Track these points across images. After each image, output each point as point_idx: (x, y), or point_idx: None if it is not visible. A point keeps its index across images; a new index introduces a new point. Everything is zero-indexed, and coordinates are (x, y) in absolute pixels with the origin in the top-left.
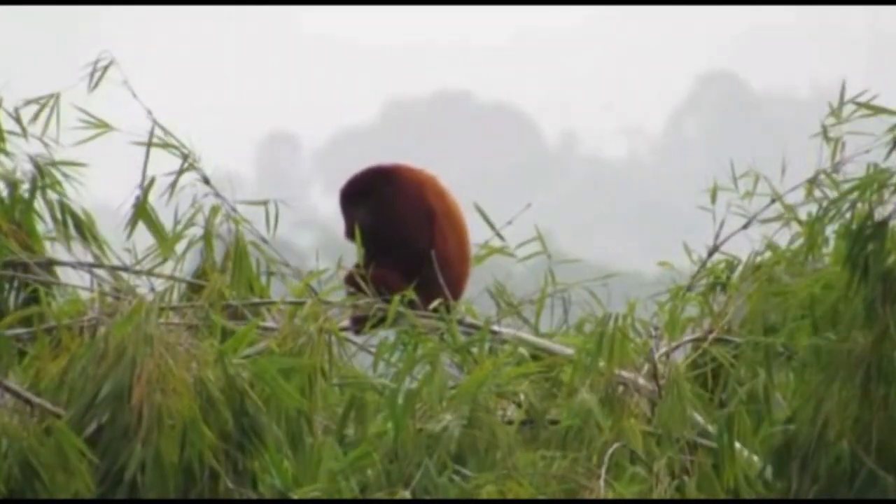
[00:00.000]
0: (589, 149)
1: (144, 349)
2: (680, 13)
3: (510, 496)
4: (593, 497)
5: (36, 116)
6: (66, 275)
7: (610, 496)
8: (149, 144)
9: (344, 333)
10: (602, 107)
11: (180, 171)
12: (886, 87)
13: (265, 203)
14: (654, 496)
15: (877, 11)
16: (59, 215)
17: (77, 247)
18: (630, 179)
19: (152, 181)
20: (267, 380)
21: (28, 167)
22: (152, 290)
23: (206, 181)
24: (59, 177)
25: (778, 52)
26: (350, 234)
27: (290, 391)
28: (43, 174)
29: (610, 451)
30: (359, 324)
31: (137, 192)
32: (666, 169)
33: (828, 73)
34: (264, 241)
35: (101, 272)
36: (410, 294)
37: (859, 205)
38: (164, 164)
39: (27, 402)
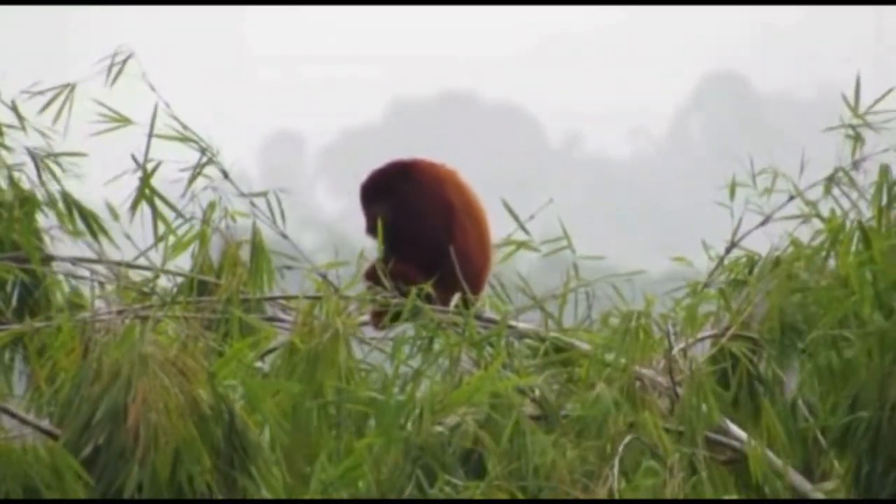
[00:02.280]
0: (593, 149)
1: (140, 368)
2: (684, 14)
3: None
4: (604, 489)
5: (46, 107)
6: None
7: (622, 488)
8: (170, 138)
9: (360, 331)
10: (606, 107)
11: (200, 166)
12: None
13: (265, 194)
14: (668, 490)
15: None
16: (62, 207)
17: (79, 241)
18: (635, 180)
19: (157, 165)
20: (256, 404)
21: (26, 159)
22: (174, 289)
23: (226, 175)
24: (59, 169)
25: (783, 53)
26: (371, 230)
27: (276, 415)
28: (40, 167)
29: (624, 442)
30: (378, 319)
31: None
32: (670, 169)
33: (833, 75)
34: (284, 236)
35: (101, 268)
36: (428, 288)
37: None
38: (176, 161)
39: (26, 422)
